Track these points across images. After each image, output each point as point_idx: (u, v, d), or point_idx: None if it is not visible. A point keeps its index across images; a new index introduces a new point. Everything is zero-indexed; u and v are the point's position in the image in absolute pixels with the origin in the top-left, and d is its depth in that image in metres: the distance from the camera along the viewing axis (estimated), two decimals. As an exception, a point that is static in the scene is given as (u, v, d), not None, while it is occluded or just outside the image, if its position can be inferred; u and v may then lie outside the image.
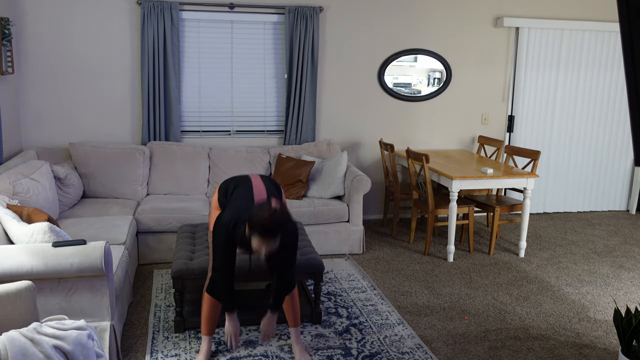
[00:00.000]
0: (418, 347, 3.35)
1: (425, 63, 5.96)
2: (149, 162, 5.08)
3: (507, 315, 3.81)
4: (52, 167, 4.43)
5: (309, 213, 4.75)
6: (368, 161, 5.97)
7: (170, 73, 5.18)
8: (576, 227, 5.97)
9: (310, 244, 3.82)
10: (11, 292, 2.22)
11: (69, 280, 2.87)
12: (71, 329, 2.14)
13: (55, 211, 4.16)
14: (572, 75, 6.24)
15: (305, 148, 5.43)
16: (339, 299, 3.98)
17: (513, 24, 5.93)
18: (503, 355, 3.29)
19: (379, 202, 6.03)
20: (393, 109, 5.93)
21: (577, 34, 6.15)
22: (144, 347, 3.28)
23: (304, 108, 5.51)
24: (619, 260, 4.97)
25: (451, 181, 4.67)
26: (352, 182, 4.84)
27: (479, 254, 5.02)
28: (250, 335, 3.43)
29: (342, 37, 5.66)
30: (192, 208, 4.61)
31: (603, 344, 3.45)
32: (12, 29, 4.85)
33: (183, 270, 3.36)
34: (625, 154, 6.57)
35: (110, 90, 5.27)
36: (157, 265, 4.56)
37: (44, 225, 2.95)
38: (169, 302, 3.86)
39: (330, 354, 3.24)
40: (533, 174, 4.88)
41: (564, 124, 6.33)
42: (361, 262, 4.75)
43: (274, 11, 5.43)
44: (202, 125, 5.53)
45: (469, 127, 6.16)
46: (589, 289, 4.31)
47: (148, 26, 5.07)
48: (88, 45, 5.15)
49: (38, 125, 5.18)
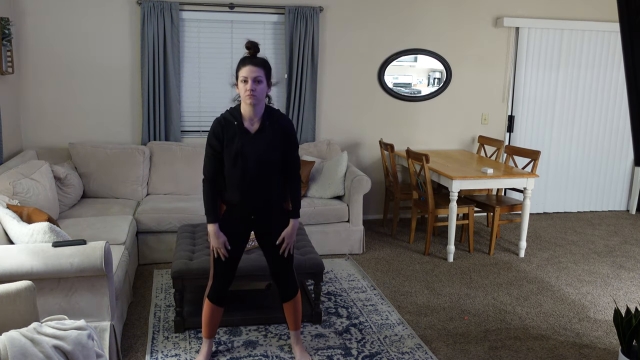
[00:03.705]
0: (418, 347, 3.35)
1: (425, 63, 5.96)
2: (149, 162, 5.08)
3: (507, 315, 3.81)
4: (52, 167, 4.43)
5: (309, 213, 4.74)
6: (368, 161, 5.97)
7: (170, 73, 5.18)
8: (576, 227, 5.97)
9: (310, 244, 3.82)
10: (11, 292, 2.22)
11: (69, 280, 2.87)
12: (71, 329, 2.14)
13: (55, 211, 4.16)
14: (572, 75, 6.24)
15: (305, 148, 5.43)
16: (339, 299, 3.98)
17: (513, 24, 5.93)
18: (503, 355, 3.29)
19: (379, 202, 6.03)
20: (393, 109, 5.93)
21: (577, 34, 6.15)
22: (144, 347, 3.28)
23: (304, 108, 5.51)
24: (619, 260, 4.97)
25: (451, 181, 4.67)
26: (352, 182, 4.84)
27: (479, 254, 5.02)
28: (250, 335, 3.43)
29: (342, 37, 5.66)
30: (192, 208, 4.61)
31: (603, 344, 3.45)
32: (12, 29, 4.84)
33: (183, 270, 3.36)
34: (625, 154, 6.57)
35: (110, 90, 5.27)
36: (157, 265, 4.56)
37: (44, 225, 2.95)
38: (169, 302, 3.86)
39: (330, 354, 3.24)
40: (533, 174, 4.88)
41: (564, 124, 6.33)
42: (361, 262, 4.75)
43: (274, 11, 5.43)
44: (202, 125, 5.53)
45: (469, 127, 6.16)
46: (589, 289, 4.31)
47: (148, 26, 5.07)
48: (88, 45, 5.15)
49: (38, 125, 5.18)
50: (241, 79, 2.71)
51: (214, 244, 2.87)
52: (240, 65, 2.73)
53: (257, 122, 2.80)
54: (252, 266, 3.45)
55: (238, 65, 2.76)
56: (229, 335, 3.42)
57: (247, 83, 2.69)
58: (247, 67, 2.70)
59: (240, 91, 2.73)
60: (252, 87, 2.69)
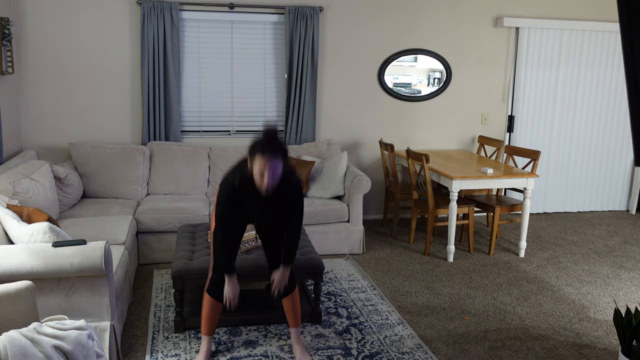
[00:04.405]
0: (418, 347, 3.35)
1: (425, 63, 5.96)
2: (149, 162, 5.08)
3: (507, 315, 3.81)
4: (52, 167, 4.43)
5: (309, 213, 4.74)
6: (368, 161, 5.97)
7: (170, 73, 5.18)
8: (576, 227, 5.97)
9: (310, 244, 3.82)
10: (11, 292, 2.22)
11: (69, 280, 2.87)
12: (71, 329, 2.14)
13: (55, 211, 4.16)
14: (572, 75, 6.24)
15: (305, 148, 5.43)
16: (339, 299, 3.98)
17: (513, 24, 5.93)
18: (503, 355, 3.29)
19: (379, 202, 6.03)
20: (393, 109, 5.93)
21: (577, 34, 6.15)
22: (144, 347, 3.28)
23: (304, 108, 5.51)
24: (619, 260, 4.97)
25: (451, 181, 4.67)
26: (352, 182, 4.84)
27: (479, 254, 5.02)
28: (250, 335, 3.43)
29: (342, 37, 5.66)
30: (192, 208, 4.61)
31: (603, 344, 3.45)
32: (12, 29, 4.84)
33: (183, 270, 3.36)
34: (625, 154, 6.57)
35: (110, 90, 5.27)
36: (157, 265, 4.56)
37: (44, 225, 2.95)
38: (169, 302, 3.86)
39: (330, 354, 3.24)
40: (533, 174, 4.88)
41: (564, 124, 6.33)
42: (361, 262, 4.75)
43: (274, 11, 5.43)
44: (202, 125, 5.53)
45: (469, 127, 6.16)
46: (589, 289, 4.31)
47: (148, 26, 5.07)
48: (88, 45, 5.15)
49: (38, 125, 5.18)
50: (258, 171, 2.58)
51: (229, 294, 2.93)
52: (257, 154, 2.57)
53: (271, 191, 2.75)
54: (252, 266, 3.45)
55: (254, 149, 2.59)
56: (229, 335, 3.42)
57: (263, 177, 2.58)
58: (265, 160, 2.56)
59: (255, 176, 2.62)
60: (270, 182, 2.60)
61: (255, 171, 2.61)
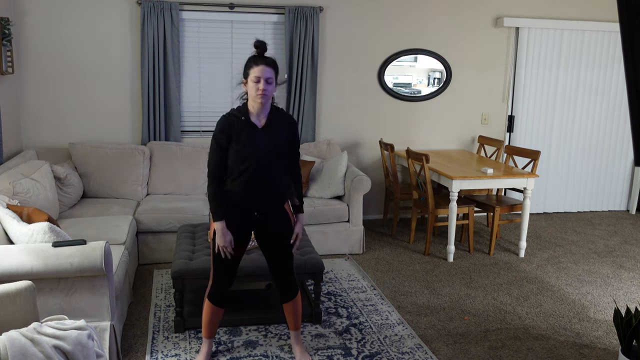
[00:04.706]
0: (418, 347, 3.35)
1: (425, 63, 5.96)
2: (149, 162, 5.08)
3: (507, 315, 3.81)
4: (52, 167, 4.43)
5: (309, 213, 4.74)
6: (368, 161, 5.97)
7: (170, 73, 5.18)
8: (576, 227, 5.97)
9: (310, 244, 3.82)
10: (11, 292, 2.22)
11: (69, 280, 2.87)
12: (71, 329, 2.14)
13: (55, 211, 4.16)
14: (572, 75, 6.24)
15: (305, 148, 5.43)
16: (339, 299, 3.98)
17: (513, 24, 5.93)
18: (503, 355, 3.29)
19: (379, 202, 6.03)
20: (393, 109, 5.93)
21: (577, 34, 6.15)
22: (144, 347, 3.28)
23: (304, 108, 5.51)
24: (619, 260, 4.97)
25: (451, 181, 4.67)
26: (352, 182, 4.84)
27: (479, 254, 5.02)
28: (250, 335, 3.43)
29: (342, 37, 5.66)
30: (192, 208, 4.61)
31: (603, 344, 3.45)
32: (12, 29, 4.84)
33: (183, 270, 3.36)
34: (625, 154, 6.57)
35: (110, 90, 5.27)
36: (157, 265, 4.56)
37: (44, 225, 2.95)
38: (169, 302, 3.86)
39: (330, 354, 3.24)
40: (533, 174, 4.88)
41: (564, 124, 6.33)
42: (361, 262, 4.75)
43: (274, 11, 5.43)
44: (202, 125, 5.53)
45: (469, 127, 6.16)
46: (589, 289, 4.31)
47: (148, 26, 5.07)
48: (88, 45, 5.15)
49: (38, 125, 5.18)
50: (253, 78, 2.73)
51: (220, 242, 2.84)
52: (252, 65, 2.76)
53: (264, 118, 2.84)
54: (252, 266, 3.45)
55: (248, 64, 2.79)
56: (229, 335, 3.42)
57: (259, 83, 2.73)
58: (260, 67, 2.73)
59: (250, 90, 2.76)
60: (265, 87, 2.73)
61: (250, 86, 2.75)
